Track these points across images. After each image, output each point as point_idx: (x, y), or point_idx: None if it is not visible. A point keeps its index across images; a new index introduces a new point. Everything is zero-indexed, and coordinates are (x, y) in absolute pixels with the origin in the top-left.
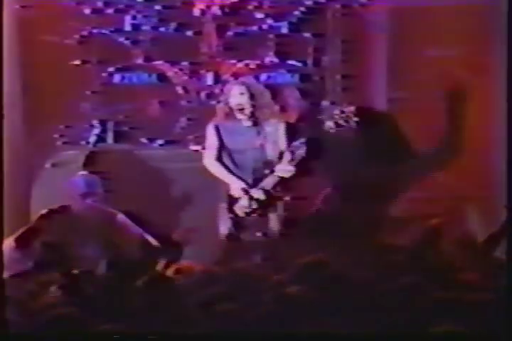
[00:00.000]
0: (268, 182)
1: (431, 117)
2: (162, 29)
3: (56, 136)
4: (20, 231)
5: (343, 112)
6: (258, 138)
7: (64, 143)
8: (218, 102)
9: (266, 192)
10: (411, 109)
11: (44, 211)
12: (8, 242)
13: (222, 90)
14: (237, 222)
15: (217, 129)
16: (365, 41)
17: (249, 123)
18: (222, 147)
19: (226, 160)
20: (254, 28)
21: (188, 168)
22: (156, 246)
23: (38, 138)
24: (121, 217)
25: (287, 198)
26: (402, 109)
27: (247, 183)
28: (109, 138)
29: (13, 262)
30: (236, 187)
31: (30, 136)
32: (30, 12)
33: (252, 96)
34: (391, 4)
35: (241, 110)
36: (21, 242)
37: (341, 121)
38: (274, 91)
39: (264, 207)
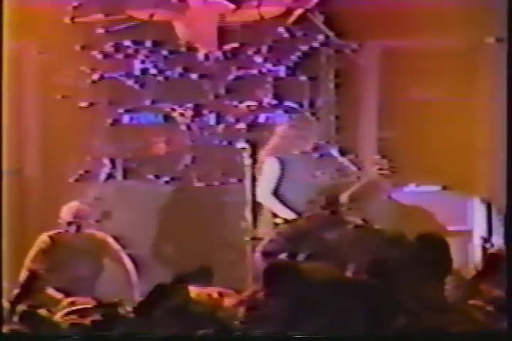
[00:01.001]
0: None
1: (419, 155)
2: (168, 73)
3: (68, 171)
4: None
5: None
6: (310, 170)
7: (76, 180)
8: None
9: None
10: (399, 148)
11: (44, 235)
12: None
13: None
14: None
15: (281, 162)
16: (357, 84)
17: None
18: (281, 180)
19: (281, 192)
20: (254, 71)
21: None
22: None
23: (52, 172)
24: (110, 240)
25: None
26: (391, 147)
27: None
28: (119, 174)
29: None
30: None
31: (44, 170)
32: (47, 57)
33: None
34: (380, 50)
35: (300, 142)
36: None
37: None
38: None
39: None
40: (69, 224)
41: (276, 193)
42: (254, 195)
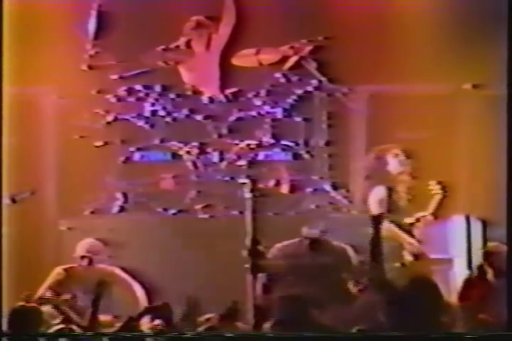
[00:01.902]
0: None
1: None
2: (175, 114)
3: (83, 205)
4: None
5: None
6: None
7: (91, 212)
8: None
9: None
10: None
11: (59, 268)
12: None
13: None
14: None
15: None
16: (347, 125)
17: None
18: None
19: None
20: (253, 113)
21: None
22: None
23: (68, 207)
24: (118, 271)
25: None
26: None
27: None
28: (130, 208)
29: None
30: (413, 242)
31: (60, 205)
32: (65, 101)
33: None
34: (368, 94)
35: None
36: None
37: None
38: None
39: None
40: (82, 258)
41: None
42: (253, 226)
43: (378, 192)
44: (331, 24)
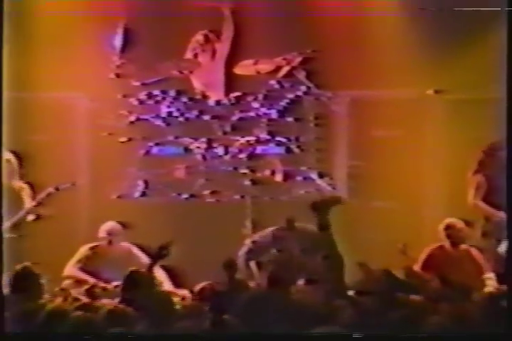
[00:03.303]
0: None
1: (380, 179)
2: (187, 115)
3: (111, 192)
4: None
5: None
6: None
7: (118, 197)
8: None
9: None
10: (365, 174)
11: (86, 246)
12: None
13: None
14: None
15: None
16: (331, 124)
17: None
18: None
19: None
20: (252, 114)
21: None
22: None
23: (98, 193)
24: (133, 248)
25: None
26: (358, 173)
27: None
28: (150, 193)
29: None
30: None
31: (92, 191)
32: (95, 104)
33: None
34: (350, 98)
35: None
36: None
37: None
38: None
39: None
40: (104, 238)
41: None
42: (252, 209)
43: None
44: (317, 39)
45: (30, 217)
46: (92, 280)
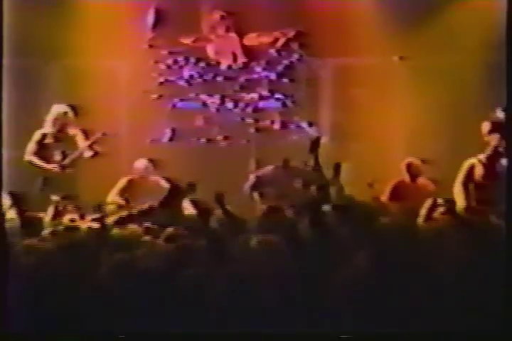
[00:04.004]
0: None
1: (356, 128)
2: (205, 77)
3: (145, 137)
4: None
5: None
6: None
7: (151, 141)
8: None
9: None
10: (344, 123)
11: (125, 178)
12: None
13: None
14: None
15: None
16: (318, 84)
17: None
18: None
19: None
20: (255, 76)
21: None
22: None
23: (135, 139)
24: (161, 180)
25: None
26: (338, 122)
27: None
28: (175, 138)
29: None
30: None
31: (130, 137)
32: (133, 70)
33: None
34: (333, 64)
35: None
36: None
37: None
38: None
39: None
40: (138, 173)
41: None
42: (256, 151)
43: None
44: (308, 17)
45: (85, 155)
46: (128, 204)
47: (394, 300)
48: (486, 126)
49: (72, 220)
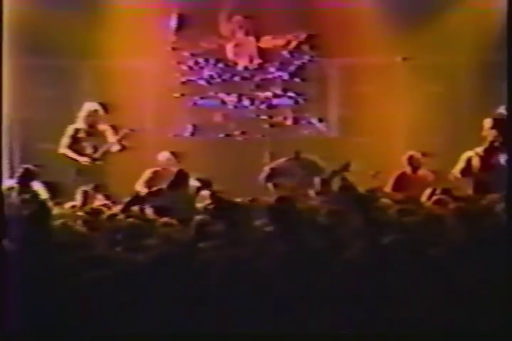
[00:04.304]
0: None
1: (362, 123)
2: (223, 77)
3: (169, 131)
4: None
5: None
6: None
7: (174, 135)
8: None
9: None
10: (350, 119)
11: (149, 170)
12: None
13: None
14: None
15: None
16: (327, 83)
17: None
18: None
19: None
20: (270, 76)
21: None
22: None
23: (160, 133)
24: (182, 171)
25: None
26: (346, 118)
27: None
28: (196, 133)
29: None
30: None
31: (155, 134)
32: (157, 69)
33: None
34: (340, 64)
35: None
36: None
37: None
38: None
39: None
40: (161, 165)
41: None
42: (270, 145)
43: None
44: (318, 21)
45: (114, 149)
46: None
47: (394, 300)
48: (488, 123)
49: (104, 205)
